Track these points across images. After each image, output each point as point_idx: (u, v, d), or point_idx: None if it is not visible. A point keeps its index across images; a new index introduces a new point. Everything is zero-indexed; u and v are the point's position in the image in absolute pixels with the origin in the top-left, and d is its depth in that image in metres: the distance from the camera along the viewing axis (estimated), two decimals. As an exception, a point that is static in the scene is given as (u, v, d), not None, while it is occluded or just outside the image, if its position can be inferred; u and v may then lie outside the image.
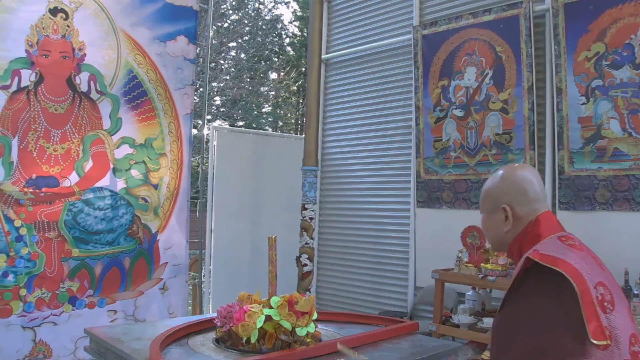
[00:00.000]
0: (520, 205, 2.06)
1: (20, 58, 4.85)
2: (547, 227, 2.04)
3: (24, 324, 4.80)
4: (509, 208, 2.06)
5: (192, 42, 5.99)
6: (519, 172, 2.13)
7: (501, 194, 2.10)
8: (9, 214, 4.75)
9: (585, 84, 4.79)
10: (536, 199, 2.07)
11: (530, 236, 2.02)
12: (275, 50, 23.63)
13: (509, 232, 2.08)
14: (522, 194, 2.07)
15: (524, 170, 2.15)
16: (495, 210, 2.10)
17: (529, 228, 2.04)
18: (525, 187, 2.08)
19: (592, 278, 1.76)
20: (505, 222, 2.07)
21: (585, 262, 1.83)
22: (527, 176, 2.11)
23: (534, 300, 1.78)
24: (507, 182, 2.11)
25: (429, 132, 5.89)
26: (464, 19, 5.63)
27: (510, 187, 2.10)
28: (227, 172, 7.44)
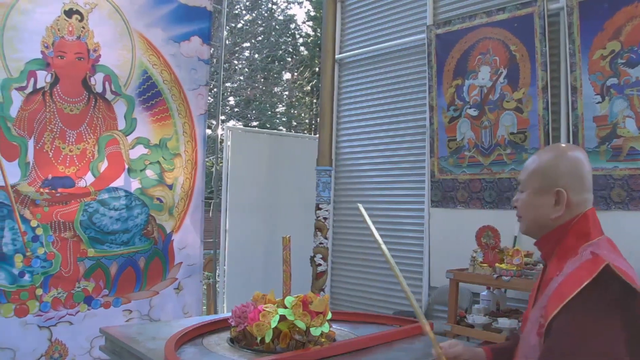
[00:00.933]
0: (575, 192, 1.88)
1: (36, 59, 4.88)
2: (595, 226, 1.89)
3: (40, 323, 4.83)
4: (564, 192, 1.87)
5: (206, 43, 6.00)
6: (576, 154, 1.93)
7: (558, 175, 1.89)
8: (25, 214, 4.79)
9: (601, 83, 4.76)
10: (590, 188, 1.92)
11: (576, 231, 1.86)
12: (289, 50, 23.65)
13: (557, 219, 1.89)
14: (579, 179, 1.89)
15: (580, 152, 1.96)
16: (547, 191, 1.90)
17: (576, 221, 1.88)
18: (583, 172, 1.90)
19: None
20: (555, 207, 1.89)
21: (633, 273, 1.71)
22: (583, 160, 1.92)
23: (608, 316, 1.63)
24: (566, 163, 1.90)
25: (443, 132, 5.87)
26: (478, 18, 5.61)
27: (570, 169, 1.89)
28: (241, 172, 7.45)
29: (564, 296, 1.66)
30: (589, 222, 1.88)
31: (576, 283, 1.65)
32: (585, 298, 1.63)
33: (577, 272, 1.69)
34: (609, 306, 1.63)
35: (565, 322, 1.64)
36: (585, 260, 1.72)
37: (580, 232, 1.86)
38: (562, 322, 1.65)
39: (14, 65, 4.77)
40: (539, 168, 1.96)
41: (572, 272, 1.72)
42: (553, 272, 1.83)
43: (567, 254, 1.82)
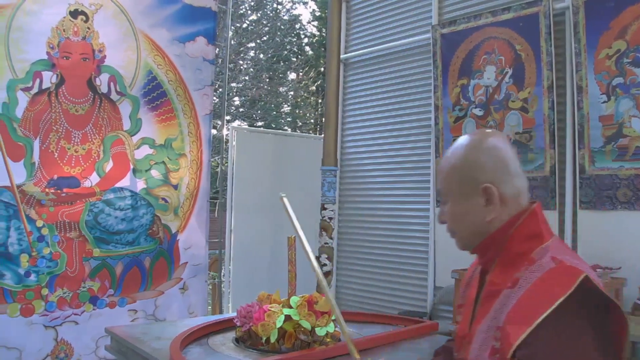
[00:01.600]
0: (506, 183, 1.57)
1: (42, 60, 4.89)
2: (546, 225, 1.62)
3: (46, 323, 4.84)
4: (493, 187, 1.56)
5: (211, 43, 6.01)
6: (491, 139, 1.61)
7: (479, 169, 1.57)
8: (30, 214, 4.80)
9: (606, 82, 4.75)
10: (519, 172, 1.60)
11: (524, 231, 1.57)
12: (294, 50, 23.67)
13: (494, 221, 1.58)
14: (504, 167, 1.57)
15: (494, 136, 1.63)
16: (472, 191, 1.58)
17: (523, 220, 1.58)
18: (505, 157, 1.58)
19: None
20: (488, 207, 1.57)
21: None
22: (501, 144, 1.61)
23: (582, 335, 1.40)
24: (483, 153, 1.58)
25: (449, 132, 5.86)
26: (483, 18, 5.60)
27: (490, 158, 1.57)
28: (247, 172, 7.46)
29: (531, 316, 1.37)
30: (538, 220, 1.60)
31: (546, 300, 1.38)
32: (559, 317, 1.37)
33: (545, 286, 1.42)
34: (583, 324, 1.41)
35: (536, 349, 1.36)
36: (550, 269, 1.45)
37: (529, 232, 1.57)
38: (531, 349, 1.37)
39: (20, 66, 4.79)
40: (454, 169, 1.63)
41: (537, 286, 1.44)
42: (501, 283, 1.54)
43: (517, 261, 1.53)
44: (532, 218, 1.58)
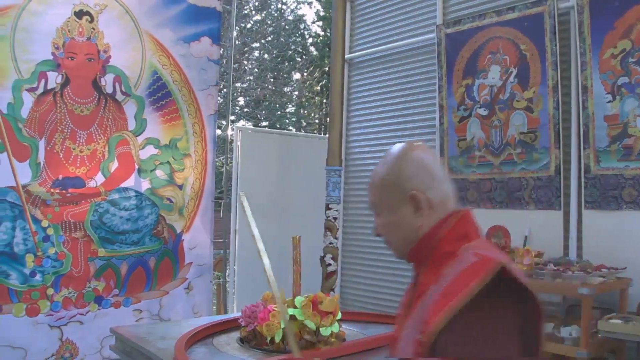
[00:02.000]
0: (432, 189, 1.65)
1: (47, 60, 4.91)
2: (475, 227, 1.69)
3: (51, 322, 4.85)
4: (421, 194, 1.63)
5: (215, 43, 6.01)
6: (414, 150, 1.71)
7: (405, 179, 1.65)
8: (36, 214, 4.81)
9: (612, 82, 4.74)
10: (443, 180, 1.69)
11: (452, 233, 1.63)
12: (299, 50, 23.68)
13: (421, 227, 1.64)
14: (428, 173, 1.66)
15: (418, 147, 1.73)
16: (402, 201, 1.65)
17: (453, 223, 1.65)
18: (428, 164, 1.67)
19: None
20: (417, 213, 1.64)
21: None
22: (424, 153, 1.71)
23: (503, 324, 1.44)
24: (408, 163, 1.67)
25: (453, 132, 5.86)
26: (487, 17, 5.59)
27: (414, 167, 1.67)
28: (251, 172, 7.46)
29: (449, 305, 1.40)
30: (467, 223, 1.68)
31: (464, 289, 1.41)
32: (476, 305, 1.39)
33: (462, 276, 1.46)
34: (504, 313, 1.45)
35: (455, 335, 1.40)
36: (470, 263, 1.49)
37: (457, 234, 1.63)
38: (450, 336, 1.40)
39: (25, 67, 4.80)
40: (383, 181, 1.72)
41: (457, 277, 1.48)
42: (428, 282, 1.58)
43: (445, 260, 1.57)
44: (461, 221, 1.66)
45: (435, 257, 1.62)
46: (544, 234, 5.10)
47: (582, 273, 4.17)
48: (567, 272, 4.23)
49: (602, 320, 3.94)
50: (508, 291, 1.45)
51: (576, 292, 4.05)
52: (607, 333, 3.90)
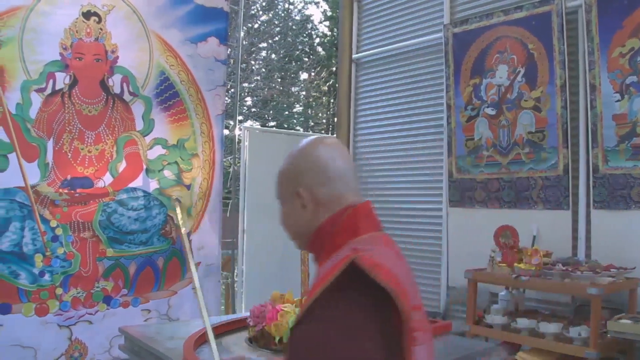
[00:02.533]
0: (322, 186, 1.64)
1: (55, 61, 4.92)
2: (367, 221, 1.64)
3: (60, 322, 4.87)
4: (305, 192, 1.64)
5: (222, 43, 6.01)
6: (315, 146, 1.71)
7: (298, 175, 1.68)
8: (45, 214, 4.83)
9: (620, 81, 4.72)
10: (339, 177, 1.65)
11: (341, 228, 1.61)
12: (306, 50, 23.66)
13: (313, 221, 1.65)
14: (322, 171, 1.65)
15: (322, 144, 1.71)
16: (292, 195, 1.69)
17: (343, 217, 1.62)
18: (324, 163, 1.65)
19: (411, 298, 1.45)
20: (304, 209, 1.66)
21: (407, 278, 1.53)
22: (325, 151, 1.68)
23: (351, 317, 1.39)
24: (304, 159, 1.69)
25: (461, 131, 5.85)
26: (495, 17, 5.58)
27: (308, 164, 1.67)
28: (259, 172, 7.46)
29: (307, 300, 1.42)
30: (357, 217, 1.63)
31: (321, 283, 1.42)
32: (332, 301, 1.39)
33: (328, 271, 1.46)
34: (360, 311, 1.41)
35: (308, 329, 1.39)
36: (340, 258, 1.47)
37: (346, 229, 1.61)
38: (304, 329, 1.40)
39: (33, 68, 4.81)
40: (281, 175, 1.77)
41: (323, 272, 1.49)
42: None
43: (331, 254, 1.57)
44: (352, 216, 1.62)
45: (326, 251, 1.61)
46: (552, 233, 5.09)
47: (591, 273, 4.16)
48: (575, 272, 4.22)
49: (612, 321, 3.93)
50: (367, 288, 1.40)
51: (585, 292, 4.04)
52: (616, 333, 3.89)
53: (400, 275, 1.48)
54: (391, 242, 1.66)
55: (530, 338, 4.37)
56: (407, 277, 1.54)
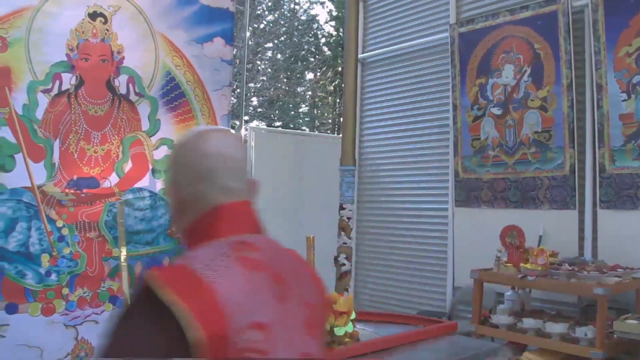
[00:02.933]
0: (187, 185, 1.48)
1: (61, 62, 4.92)
2: (231, 223, 1.47)
3: (67, 322, 4.87)
4: (172, 190, 1.53)
5: (228, 44, 6.01)
6: (192, 140, 1.55)
7: (172, 170, 1.56)
8: (51, 214, 4.84)
9: (627, 80, 4.71)
10: (206, 177, 1.48)
11: (201, 232, 1.45)
12: (312, 50, 23.65)
13: (182, 220, 1.52)
14: (189, 169, 1.49)
15: (200, 138, 1.54)
16: (168, 190, 1.59)
17: (204, 220, 1.47)
18: (191, 160, 1.50)
19: (246, 316, 1.24)
20: (173, 208, 1.55)
21: (253, 289, 1.30)
22: (200, 146, 1.51)
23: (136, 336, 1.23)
24: (177, 154, 1.58)
25: (467, 131, 5.84)
26: (501, 16, 5.57)
27: (178, 160, 1.55)
28: (265, 172, 7.47)
29: None
30: (221, 220, 1.46)
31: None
32: (129, 314, 1.28)
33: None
34: (147, 326, 1.24)
35: (109, 344, 1.25)
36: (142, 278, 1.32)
37: (202, 232, 1.46)
38: (107, 342, 1.25)
39: (40, 68, 4.82)
40: (167, 164, 1.63)
41: None
42: None
43: None
44: (213, 217, 1.46)
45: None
46: (558, 233, 5.08)
47: (597, 273, 4.15)
48: (582, 272, 4.21)
49: (618, 321, 3.92)
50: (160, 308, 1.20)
51: (591, 292, 4.03)
52: (622, 334, 3.88)
53: (225, 285, 1.25)
54: (267, 246, 1.48)
55: (536, 338, 4.36)
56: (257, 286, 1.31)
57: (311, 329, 1.39)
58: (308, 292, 1.45)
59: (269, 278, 1.35)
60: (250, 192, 1.56)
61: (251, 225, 1.51)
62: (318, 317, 1.45)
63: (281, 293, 1.36)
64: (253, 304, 1.27)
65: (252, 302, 1.27)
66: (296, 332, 1.36)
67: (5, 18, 4.67)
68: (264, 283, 1.33)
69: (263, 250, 1.42)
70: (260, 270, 1.34)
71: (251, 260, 1.35)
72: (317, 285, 1.52)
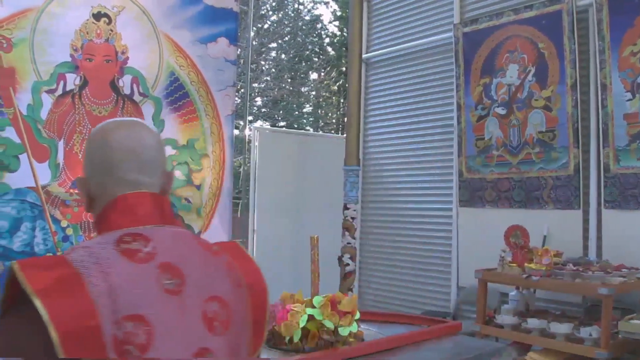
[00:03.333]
0: (93, 177, 1.48)
1: (65, 62, 4.93)
2: (126, 215, 1.43)
3: (71, 322, 4.88)
4: (80, 183, 1.51)
5: (232, 44, 6.02)
6: (96, 133, 1.52)
7: (83, 160, 1.53)
8: (55, 214, 4.84)
9: (631, 80, 4.70)
10: (108, 170, 1.46)
11: (101, 224, 1.44)
12: (316, 50, 23.65)
13: (93, 210, 1.49)
14: (89, 162, 1.50)
15: (102, 130, 1.52)
16: (79, 182, 1.53)
17: (104, 212, 1.45)
18: (90, 152, 1.50)
19: (125, 308, 1.21)
20: (84, 197, 1.52)
21: (134, 281, 1.26)
22: (102, 137, 1.50)
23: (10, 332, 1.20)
24: (86, 144, 1.54)
25: (471, 131, 5.84)
26: (505, 16, 5.57)
27: (86, 150, 1.53)
28: (269, 172, 7.48)
29: None
30: (116, 211, 1.44)
31: None
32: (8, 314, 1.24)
33: None
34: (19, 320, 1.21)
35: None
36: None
37: (101, 224, 1.45)
38: None
39: (44, 69, 4.83)
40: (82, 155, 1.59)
41: None
42: None
43: None
44: (111, 209, 1.43)
45: None
46: (563, 233, 5.07)
47: (602, 273, 4.14)
48: (586, 272, 4.20)
49: (623, 321, 3.91)
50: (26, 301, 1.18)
51: (596, 292, 4.02)
52: (627, 334, 3.87)
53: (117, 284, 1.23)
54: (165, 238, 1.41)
55: (541, 338, 4.35)
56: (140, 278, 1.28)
57: (215, 323, 1.35)
58: (218, 286, 1.41)
59: (158, 271, 1.31)
60: (164, 185, 1.52)
61: (152, 217, 1.43)
62: (231, 312, 1.40)
63: (175, 286, 1.31)
64: (133, 297, 1.23)
65: (132, 295, 1.23)
66: (192, 326, 1.32)
67: (10, 19, 4.68)
68: (150, 275, 1.29)
69: (159, 243, 1.36)
70: (147, 262, 1.30)
71: (137, 252, 1.31)
72: (233, 279, 1.47)
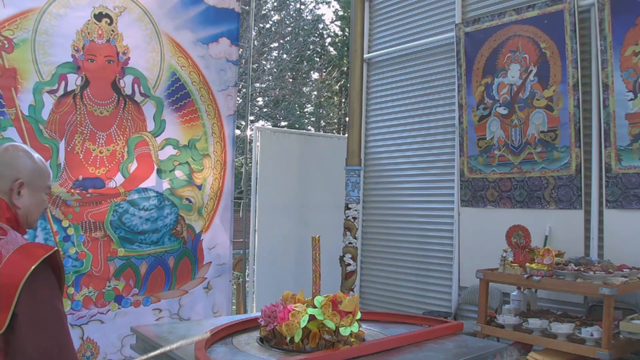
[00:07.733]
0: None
1: (67, 63, 4.94)
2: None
3: (72, 321, 4.89)
4: None
5: (234, 44, 6.03)
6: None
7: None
8: (57, 214, 4.85)
9: (633, 80, 4.69)
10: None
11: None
12: (317, 50, 23.67)
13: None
14: None
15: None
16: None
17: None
18: None
19: None
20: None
21: None
22: None
23: None
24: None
25: (473, 131, 5.83)
26: (507, 16, 5.56)
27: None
28: (271, 172, 7.47)
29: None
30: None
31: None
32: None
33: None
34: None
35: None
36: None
37: None
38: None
39: (46, 69, 4.84)
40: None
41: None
42: None
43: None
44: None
45: None
46: (564, 233, 5.07)
47: (603, 273, 4.13)
48: (588, 272, 4.19)
49: (624, 321, 3.90)
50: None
51: (598, 292, 4.01)
52: (629, 334, 3.86)
53: None
54: None
55: (542, 338, 4.34)
56: None
57: None
58: None
59: None
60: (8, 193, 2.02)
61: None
62: None
63: None
64: None
65: None
66: None
67: (12, 19, 4.69)
68: None
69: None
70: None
71: None
72: None
